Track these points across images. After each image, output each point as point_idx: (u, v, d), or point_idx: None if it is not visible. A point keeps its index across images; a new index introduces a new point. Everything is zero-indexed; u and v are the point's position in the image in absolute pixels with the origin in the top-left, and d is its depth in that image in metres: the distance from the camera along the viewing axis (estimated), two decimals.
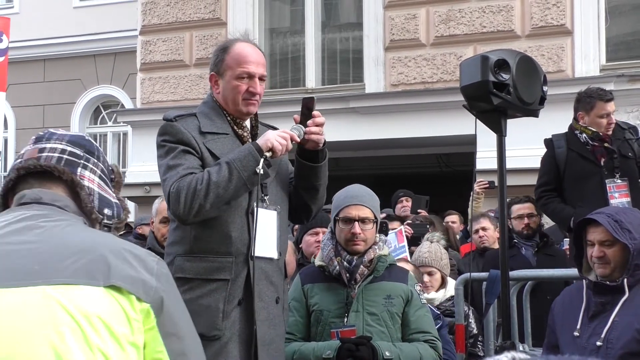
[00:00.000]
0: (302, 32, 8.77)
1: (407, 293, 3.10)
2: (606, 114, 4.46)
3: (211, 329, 2.56)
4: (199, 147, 2.63)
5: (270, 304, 2.68)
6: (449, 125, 7.48)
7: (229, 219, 2.61)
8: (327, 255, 3.12)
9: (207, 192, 2.49)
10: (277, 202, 2.76)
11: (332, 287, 3.09)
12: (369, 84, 8.26)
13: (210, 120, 2.71)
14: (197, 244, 2.61)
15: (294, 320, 3.09)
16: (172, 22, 9.09)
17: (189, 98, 8.85)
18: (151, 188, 8.66)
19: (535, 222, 4.91)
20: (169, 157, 2.62)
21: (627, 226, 2.71)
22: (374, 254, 3.10)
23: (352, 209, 3.08)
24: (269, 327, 2.67)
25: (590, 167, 4.48)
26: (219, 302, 2.57)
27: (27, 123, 11.73)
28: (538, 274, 4.09)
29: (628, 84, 7.25)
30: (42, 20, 11.58)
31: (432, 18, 8.05)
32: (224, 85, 2.72)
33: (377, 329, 3.01)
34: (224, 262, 2.59)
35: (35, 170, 1.55)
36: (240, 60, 2.70)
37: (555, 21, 7.61)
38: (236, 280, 2.60)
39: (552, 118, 5.50)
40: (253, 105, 2.74)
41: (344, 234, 3.09)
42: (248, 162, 2.53)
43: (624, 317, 2.68)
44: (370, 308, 3.04)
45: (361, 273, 3.07)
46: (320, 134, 2.71)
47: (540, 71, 3.24)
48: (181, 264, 2.61)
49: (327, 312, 3.05)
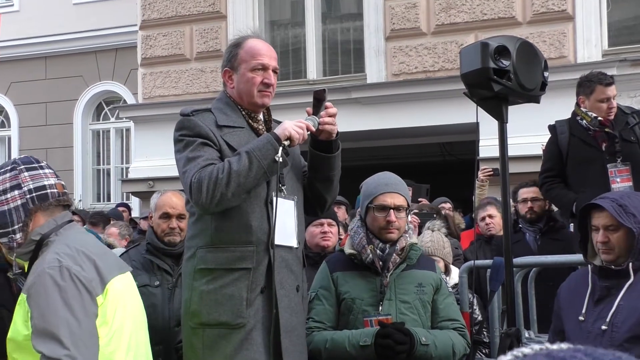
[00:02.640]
0: (302, 23, 8.75)
1: (437, 281, 3.11)
2: (606, 98, 4.44)
3: (236, 317, 2.60)
4: (217, 140, 2.67)
5: (291, 291, 2.72)
6: (451, 114, 7.47)
7: (249, 209, 2.64)
8: (358, 243, 3.08)
9: (228, 181, 2.52)
10: (293, 192, 2.80)
11: (363, 275, 3.06)
12: (370, 74, 8.25)
13: (226, 114, 2.76)
14: (218, 235, 2.64)
15: (324, 309, 3.07)
16: (172, 17, 9.08)
17: (191, 92, 8.85)
18: (154, 183, 8.68)
19: (539, 207, 4.90)
20: (187, 150, 2.65)
21: (632, 210, 2.70)
22: (406, 242, 3.08)
23: (387, 197, 3.06)
24: (291, 314, 2.70)
25: (592, 152, 4.47)
26: (242, 291, 2.61)
27: (29, 121, 11.76)
28: (542, 261, 4.08)
29: (630, 69, 7.22)
30: (42, 17, 11.58)
31: (432, 6, 8.02)
32: (239, 79, 2.77)
33: (410, 317, 3.00)
34: (245, 251, 2.63)
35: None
36: (254, 53, 2.76)
37: (556, 7, 7.58)
38: (258, 269, 2.63)
39: (554, 104, 5.50)
40: (267, 97, 2.78)
41: (379, 222, 3.05)
42: (267, 151, 2.57)
43: (629, 300, 2.68)
44: (403, 296, 3.03)
45: (394, 261, 3.04)
46: (334, 124, 2.74)
47: (541, 57, 3.22)
48: (203, 255, 2.65)
49: (359, 300, 3.01)
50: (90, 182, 11.67)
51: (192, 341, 2.66)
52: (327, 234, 4.05)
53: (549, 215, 4.95)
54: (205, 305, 2.62)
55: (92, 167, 11.74)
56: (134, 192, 9.58)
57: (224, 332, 2.60)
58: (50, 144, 11.55)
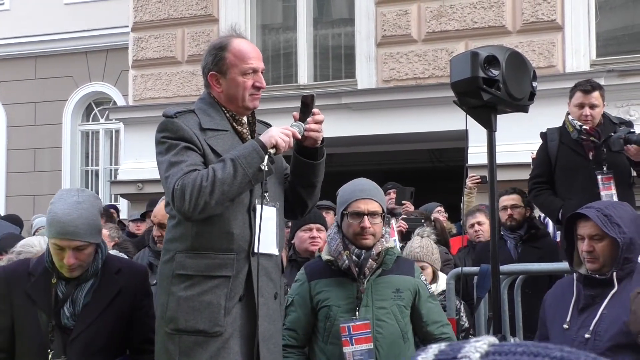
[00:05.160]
0: (294, 28, 8.78)
1: (414, 286, 3.12)
2: (580, 105, 4.50)
3: (213, 325, 2.57)
4: (200, 143, 2.63)
5: (269, 299, 2.70)
6: (441, 121, 7.51)
7: (231, 216, 2.61)
8: (335, 249, 3.09)
9: (212, 189, 2.49)
10: (275, 198, 2.77)
11: (340, 282, 3.08)
12: (360, 79, 8.28)
13: (209, 116, 2.71)
14: (198, 240, 2.61)
15: (296, 316, 3.09)
16: (164, 19, 9.08)
17: (181, 95, 8.85)
18: (144, 185, 8.66)
19: (520, 214, 4.93)
20: (170, 153, 2.60)
21: (617, 220, 2.74)
22: (382, 247, 3.09)
23: (361, 203, 3.07)
24: (269, 322, 2.68)
25: (580, 160, 4.53)
26: (220, 299, 2.58)
27: (18, 121, 11.69)
28: (529, 268, 4.12)
29: (618, 79, 7.29)
30: (33, 16, 11.53)
31: (423, 14, 8.06)
32: (228, 84, 2.71)
33: (387, 323, 3.02)
34: (226, 259, 2.60)
35: None
36: (244, 57, 2.71)
37: (545, 17, 7.64)
38: (237, 277, 2.60)
39: (543, 113, 5.55)
40: (258, 100, 2.75)
41: (353, 228, 3.07)
42: (253, 159, 2.53)
43: (612, 309, 2.71)
44: (380, 302, 3.04)
45: (370, 267, 3.05)
46: (320, 131, 2.72)
47: (530, 67, 3.26)
48: (182, 260, 2.62)
49: (336, 307, 3.03)
50: (79, 183, 11.61)
51: (168, 346, 2.62)
52: (315, 239, 4.07)
53: (530, 223, 4.99)
54: (182, 311, 2.58)
55: (80, 168, 11.68)
56: (122, 194, 9.55)
57: (201, 339, 2.57)
58: (39, 144, 11.49)
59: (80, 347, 2.72)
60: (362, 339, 2.99)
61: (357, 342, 2.98)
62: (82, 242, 2.69)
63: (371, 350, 2.98)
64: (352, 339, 2.98)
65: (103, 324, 2.76)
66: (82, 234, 2.68)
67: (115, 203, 10.17)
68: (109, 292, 2.80)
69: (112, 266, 2.86)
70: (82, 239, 2.68)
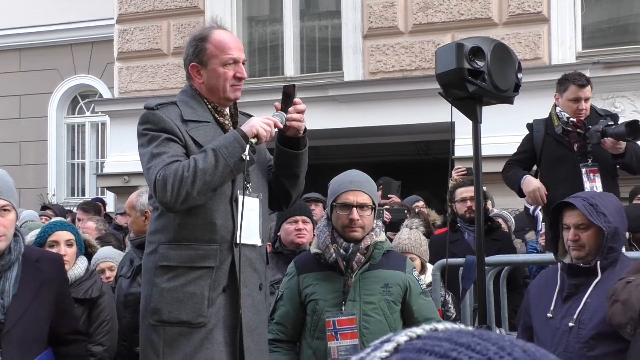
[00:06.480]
0: (280, 20, 8.75)
1: (405, 282, 3.05)
2: (576, 99, 4.51)
3: (197, 316, 2.58)
4: (182, 135, 2.63)
5: (254, 290, 2.70)
6: (427, 113, 7.51)
7: (213, 207, 2.62)
8: (323, 242, 3.05)
9: (194, 180, 2.49)
10: (258, 189, 2.78)
11: (328, 276, 3.04)
12: (347, 72, 8.27)
13: (191, 108, 2.71)
14: (181, 232, 2.62)
15: (285, 310, 3.08)
16: (149, 11, 9.02)
17: (167, 87, 8.80)
18: (130, 178, 8.62)
19: None
20: (152, 145, 2.61)
21: (602, 210, 2.76)
22: (371, 240, 3.04)
23: (350, 195, 3.03)
24: (254, 313, 2.69)
25: (565, 152, 4.55)
26: (204, 290, 2.59)
27: (3, 113, 11.59)
28: (514, 259, 4.15)
29: (603, 71, 7.32)
30: (18, 8, 11.42)
31: (410, 6, 8.06)
32: (209, 75, 2.72)
33: (374, 318, 2.97)
34: (209, 249, 2.61)
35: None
36: (224, 47, 2.72)
37: (532, 9, 7.66)
38: (221, 268, 2.61)
39: (529, 105, 5.56)
40: (239, 91, 2.76)
41: (342, 220, 3.03)
42: (234, 149, 2.54)
43: (596, 298, 2.74)
44: (367, 297, 2.99)
45: (358, 261, 3.01)
46: (302, 120, 2.73)
47: (515, 58, 3.27)
48: (165, 252, 2.63)
49: (323, 301, 2.99)
50: (65, 177, 11.55)
51: (152, 338, 2.63)
52: (301, 231, 4.06)
53: (487, 216, 4.98)
54: (166, 302, 2.59)
55: (66, 161, 11.61)
56: (109, 187, 9.51)
57: (185, 330, 2.58)
58: (23, 137, 11.41)
59: (15, 339, 2.70)
60: (347, 334, 2.95)
61: (343, 337, 2.94)
62: (5, 201, 2.71)
63: (356, 345, 2.93)
64: (337, 334, 2.94)
65: (34, 314, 2.77)
66: (3, 192, 2.72)
67: (101, 196, 10.12)
68: (34, 281, 2.80)
69: (32, 255, 2.88)
70: (3, 197, 2.71)
